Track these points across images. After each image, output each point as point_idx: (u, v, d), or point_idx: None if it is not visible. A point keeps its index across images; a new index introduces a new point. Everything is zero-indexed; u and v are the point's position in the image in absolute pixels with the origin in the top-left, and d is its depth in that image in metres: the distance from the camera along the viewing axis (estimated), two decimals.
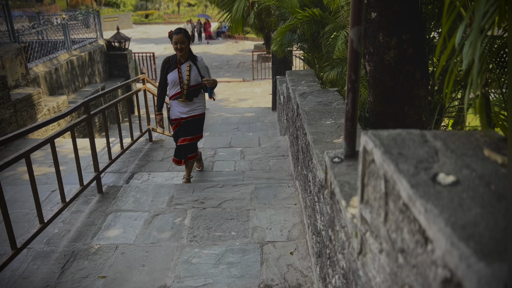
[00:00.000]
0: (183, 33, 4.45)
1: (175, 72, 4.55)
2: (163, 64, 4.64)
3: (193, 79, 4.58)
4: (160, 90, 4.72)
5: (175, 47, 4.43)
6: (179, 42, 4.41)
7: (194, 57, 4.65)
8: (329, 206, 2.24)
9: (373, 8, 3.42)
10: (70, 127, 3.75)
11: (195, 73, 4.59)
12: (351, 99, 2.12)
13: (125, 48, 11.26)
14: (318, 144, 2.86)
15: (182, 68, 4.55)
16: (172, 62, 4.59)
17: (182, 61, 4.56)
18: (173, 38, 4.43)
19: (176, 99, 4.66)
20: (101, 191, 4.37)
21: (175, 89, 4.61)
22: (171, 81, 4.57)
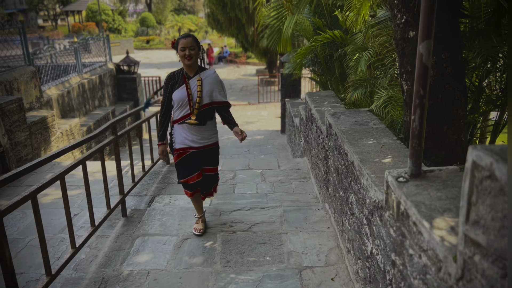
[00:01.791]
0: (192, 37, 3.52)
1: (183, 89, 3.55)
2: (167, 80, 3.65)
3: (206, 96, 3.59)
4: (164, 113, 3.70)
5: (183, 54, 3.48)
6: (188, 48, 3.46)
7: (205, 70, 3.69)
8: (394, 228, 2.13)
9: (411, 27, 3.38)
10: (99, 148, 3.64)
11: (208, 89, 3.60)
12: (419, 116, 2.03)
13: (134, 71, 11.26)
14: (367, 164, 2.76)
15: (191, 83, 3.58)
16: (178, 77, 3.62)
17: (191, 75, 3.61)
18: (179, 43, 3.49)
19: (183, 123, 3.62)
20: (126, 215, 4.24)
21: (182, 111, 3.60)
22: (178, 100, 3.55)
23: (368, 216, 2.69)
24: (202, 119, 3.62)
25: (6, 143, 5.59)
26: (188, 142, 3.65)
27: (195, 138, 3.65)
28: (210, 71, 3.68)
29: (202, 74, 3.61)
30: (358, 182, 2.90)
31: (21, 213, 4.41)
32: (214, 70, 3.77)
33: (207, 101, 3.59)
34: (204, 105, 3.59)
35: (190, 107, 3.55)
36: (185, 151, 3.68)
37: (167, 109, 3.67)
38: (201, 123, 3.61)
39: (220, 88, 3.69)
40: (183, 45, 3.46)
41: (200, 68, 3.66)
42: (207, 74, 3.64)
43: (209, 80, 3.62)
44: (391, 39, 4.48)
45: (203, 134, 3.68)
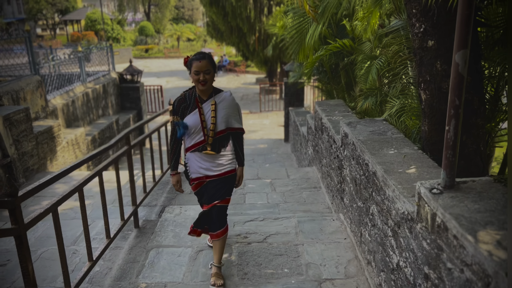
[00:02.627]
0: (208, 59, 3.12)
1: (196, 114, 3.19)
2: (178, 103, 3.27)
3: (222, 122, 3.23)
4: (174, 140, 3.32)
5: (196, 79, 3.10)
6: (203, 72, 3.08)
7: (220, 92, 3.31)
8: (428, 241, 2.08)
9: (430, 36, 3.36)
10: (114, 159, 3.59)
11: (224, 114, 3.24)
12: (454, 126, 2.00)
13: (137, 80, 11.24)
14: (391, 175, 2.73)
15: (205, 107, 3.21)
16: (190, 100, 3.24)
17: (204, 99, 3.23)
18: (192, 65, 3.10)
19: (197, 151, 3.28)
20: (138, 226, 4.18)
21: (195, 138, 3.24)
22: (190, 126, 3.21)
23: (394, 227, 2.65)
24: (217, 147, 3.27)
25: (14, 153, 5.53)
26: (203, 170, 3.29)
27: (211, 165, 3.29)
28: (226, 94, 3.31)
29: (217, 97, 3.24)
30: (381, 193, 2.86)
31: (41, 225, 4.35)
32: (230, 92, 3.35)
33: (222, 128, 3.24)
34: (219, 132, 3.24)
35: (204, 134, 3.19)
36: (202, 181, 3.34)
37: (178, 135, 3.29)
38: (217, 151, 3.26)
39: (236, 112, 3.35)
40: (197, 69, 3.06)
41: (214, 90, 3.28)
42: (223, 97, 3.27)
43: (225, 104, 3.25)
44: (404, 48, 4.46)
45: (219, 160, 3.30)
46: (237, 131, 3.36)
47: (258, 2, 15.88)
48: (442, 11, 3.26)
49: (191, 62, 3.11)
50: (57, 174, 2.53)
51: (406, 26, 4.46)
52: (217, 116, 3.21)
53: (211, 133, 3.20)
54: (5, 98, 5.96)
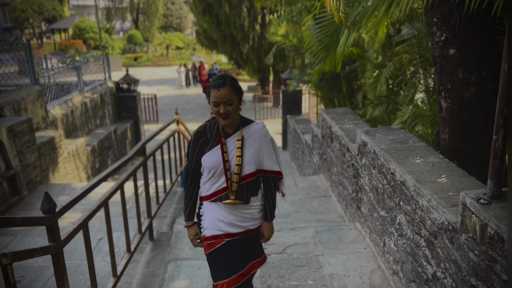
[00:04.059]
0: (230, 86, 2.36)
1: (217, 152, 2.44)
2: (196, 137, 2.53)
3: (250, 162, 2.45)
4: (190, 181, 2.55)
5: (216, 111, 2.37)
6: (223, 103, 2.34)
7: (249, 124, 2.53)
8: (476, 252, 2.05)
9: (451, 45, 3.37)
10: (133, 171, 3.51)
11: (253, 152, 2.47)
12: (502, 136, 1.99)
13: (134, 89, 11.14)
14: (424, 185, 2.70)
15: (229, 144, 2.47)
16: (211, 133, 2.51)
17: (229, 132, 2.49)
18: (211, 95, 2.37)
19: (217, 201, 2.46)
20: (153, 238, 4.09)
21: (216, 183, 2.46)
22: (209, 167, 2.45)
23: (429, 238, 2.62)
24: (244, 195, 2.46)
25: (17, 165, 5.40)
26: (224, 226, 2.46)
27: (235, 219, 2.47)
28: (257, 125, 2.53)
29: (244, 130, 2.48)
30: (412, 203, 2.83)
31: (43, 239, 4.23)
32: (263, 124, 2.57)
33: (250, 170, 2.45)
34: (247, 176, 2.45)
35: (227, 179, 2.42)
36: (219, 240, 2.48)
37: (195, 177, 2.53)
38: (244, 200, 2.46)
39: (270, 149, 2.54)
40: (216, 99, 2.33)
41: (242, 121, 2.51)
42: (252, 130, 2.49)
43: (255, 139, 2.48)
44: (416, 57, 4.48)
45: (248, 213, 2.51)
46: (271, 175, 2.54)
47: (251, 11, 15.93)
48: (464, 20, 3.28)
49: (209, 90, 2.39)
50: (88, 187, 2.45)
51: (418, 35, 4.48)
52: (244, 155, 2.44)
53: (236, 178, 2.41)
54: (6, 109, 5.84)
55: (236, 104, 2.40)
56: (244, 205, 2.48)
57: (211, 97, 2.37)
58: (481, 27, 3.29)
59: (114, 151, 9.39)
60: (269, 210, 2.60)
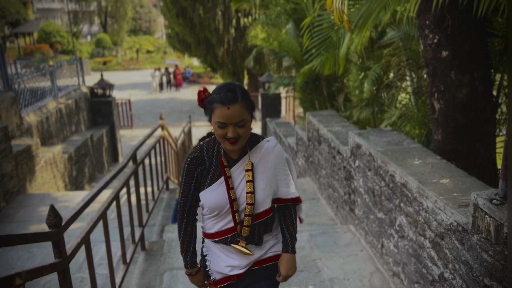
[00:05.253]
0: (242, 101, 1.76)
1: (221, 188, 1.90)
2: (190, 166, 1.92)
3: (263, 195, 1.91)
4: (187, 221, 2.00)
5: (222, 134, 1.79)
6: (234, 124, 1.76)
7: (256, 141, 1.96)
8: (491, 253, 2.06)
9: (444, 47, 3.42)
10: (127, 180, 3.39)
11: (266, 183, 1.92)
12: None
13: (109, 95, 10.87)
14: (427, 186, 2.72)
15: (235, 175, 1.91)
16: (211, 161, 1.93)
17: (234, 158, 1.94)
18: (214, 112, 1.77)
19: (223, 243, 1.98)
20: (145, 248, 3.96)
21: (219, 222, 1.95)
22: (211, 207, 1.92)
23: (435, 239, 2.63)
24: (257, 237, 1.96)
25: None
26: (230, 269, 2.00)
27: (244, 259, 1.99)
28: (269, 144, 1.96)
29: (253, 153, 1.92)
30: (415, 204, 2.84)
31: (27, 252, 4.04)
32: (275, 140, 2.00)
33: (265, 207, 1.91)
34: (261, 214, 1.92)
35: (235, 222, 1.90)
36: (228, 280, 2.03)
37: (192, 214, 2.00)
38: (256, 242, 1.96)
39: (286, 171, 2.00)
40: (224, 120, 1.74)
41: (249, 140, 1.93)
42: (263, 151, 1.94)
43: (268, 164, 1.93)
44: (403, 59, 4.53)
45: (260, 251, 2.01)
46: (288, 203, 2.02)
47: (226, 14, 15.87)
48: (456, 23, 3.33)
49: (212, 106, 1.77)
50: (90, 197, 2.33)
51: (404, 37, 4.54)
52: (256, 189, 1.89)
53: (247, 221, 1.88)
54: None
55: (248, 125, 1.79)
56: (258, 247, 1.99)
57: (216, 116, 1.75)
58: (472, 30, 3.36)
59: (91, 158, 9.12)
60: (290, 240, 2.02)
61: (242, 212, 1.90)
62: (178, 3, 15.93)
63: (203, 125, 16.05)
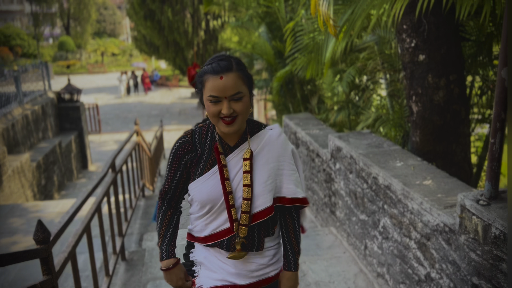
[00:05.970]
0: (237, 71, 1.55)
1: (214, 178, 1.65)
2: (177, 152, 1.68)
3: (263, 193, 1.65)
4: (167, 206, 1.77)
5: (215, 112, 1.54)
6: (228, 98, 1.53)
7: (258, 129, 1.73)
8: (479, 252, 2.12)
9: (421, 51, 3.50)
10: (107, 189, 3.29)
11: (267, 176, 1.67)
12: (500, 139, 2.08)
13: (77, 100, 10.58)
14: (412, 188, 2.77)
15: (232, 164, 1.67)
16: (203, 147, 1.68)
17: (231, 144, 1.69)
18: (206, 85, 1.55)
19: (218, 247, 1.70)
20: (125, 258, 3.87)
21: (212, 222, 1.69)
22: (201, 200, 1.66)
23: (421, 240, 2.68)
24: (256, 240, 1.69)
25: None
26: (229, 275, 1.72)
27: (243, 269, 1.72)
28: (273, 133, 1.72)
29: (253, 141, 1.69)
30: (400, 206, 2.89)
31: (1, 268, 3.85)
32: (279, 129, 1.75)
33: (266, 204, 1.65)
34: (261, 212, 1.65)
35: (231, 219, 1.64)
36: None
37: (172, 204, 1.77)
38: (255, 247, 1.69)
39: (293, 166, 1.74)
40: (217, 92, 1.52)
41: (249, 126, 1.71)
42: (265, 139, 1.70)
43: (270, 154, 1.69)
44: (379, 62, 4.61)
45: (260, 262, 1.74)
46: (294, 204, 1.72)
47: (195, 17, 15.77)
48: (432, 27, 3.42)
49: (203, 79, 1.56)
50: (74, 210, 2.25)
51: (380, 41, 4.63)
52: (254, 182, 1.64)
53: (244, 218, 1.63)
54: None
55: (247, 100, 1.56)
56: (256, 254, 1.71)
57: (208, 90, 1.53)
58: (447, 34, 3.45)
59: (59, 166, 8.84)
60: (292, 254, 1.76)
61: (239, 208, 1.64)
62: (146, 6, 15.70)
63: (174, 129, 15.85)
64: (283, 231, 1.78)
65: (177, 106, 22.79)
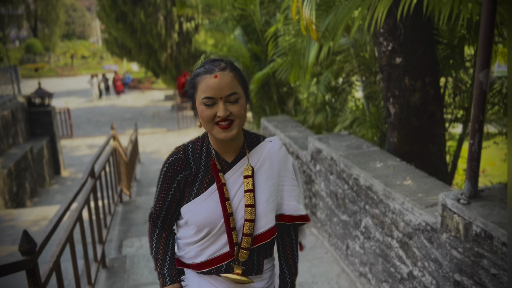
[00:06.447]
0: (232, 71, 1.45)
1: (212, 199, 1.51)
2: (169, 171, 1.53)
3: (266, 213, 1.53)
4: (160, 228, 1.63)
5: (209, 116, 1.43)
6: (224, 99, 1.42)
7: (257, 142, 1.62)
8: (460, 250, 2.19)
9: (397, 54, 3.59)
10: (88, 197, 3.22)
11: (269, 194, 1.55)
12: (478, 140, 2.15)
13: (48, 104, 10.31)
14: (393, 188, 2.84)
15: (231, 183, 1.54)
16: (198, 165, 1.54)
17: (229, 160, 1.56)
18: (199, 87, 1.44)
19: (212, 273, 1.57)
20: (105, 266, 3.80)
21: (209, 247, 1.55)
22: (198, 224, 1.51)
23: (403, 239, 2.75)
24: (256, 263, 1.58)
25: None
26: None
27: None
28: (272, 145, 1.62)
29: (253, 156, 1.57)
30: (381, 206, 2.95)
31: None
32: (279, 141, 1.66)
33: (269, 225, 1.54)
34: (263, 234, 1.54)
35: (231, 244, 1.51)
36: None
37: (165, 227, 1.63)
38: (255, 270, 1.58)
39: (294, 181, 1.64)
40: (211, 93, 1.41)
41: (247, 139, 1.60)
42: (265, 153, 1.59)
43: (271, 169, 1.58)
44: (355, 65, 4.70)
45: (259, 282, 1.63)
46: (295, 222, 1.63)
47: (168, 19, 15.63)
48: (408, 31, 3.51)
49: (195, 81, 1.46)
50: (57, 219, 2.20)
51: (355, 44, 4.71)
52: (257, 201, 1.52)
53: (246, 241, 1.51)
54: None
55: (243, 103, 1.46)
56: (254, 275, 1.59)
57: (201, 91, 1.42)
58: (422, 38, 3.55)
59: (31, 172, 8.59)
60: (289, 275, 1.66)
61: (239, 230, 1.51)
62: (118, 8, 15.46)
63: (148, 133, 15.67)
64: (280, 250, 1.68)
65: (151, 109, 22.53)
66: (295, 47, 3.66)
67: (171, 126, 16.60)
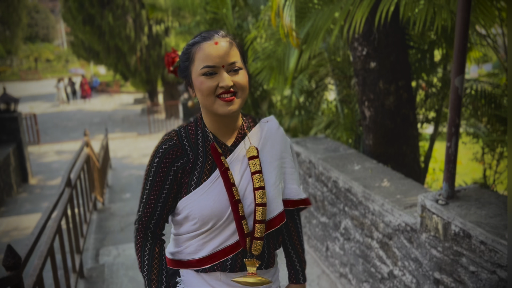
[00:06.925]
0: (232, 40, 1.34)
1: (216, 185, 1.34)
2: (164, 159, 1.33)
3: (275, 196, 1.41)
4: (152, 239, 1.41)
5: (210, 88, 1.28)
6: (226, 67, 1.29)
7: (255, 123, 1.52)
8: (440, 249, 2.27)
9: (372, 59, 3.68)
10: (65, 207, 3.15)
11: (276, 176, 1.42)
12: (454, 142, 2.24)
13: (14, 110, 9.97)
14: (372, 190, 2.91)
15: (233, 167, 1.39)
16: (195, 151, 1.36)
17: (228, 143, 1.42)
18: (196, 56, 1.29)
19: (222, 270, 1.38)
20: (83, 276, 3.72)
21: (214, 238, 1.36)
22: (204, 216, 1.33)
23: (383, 239, 2.82)
24: (266, 255, 1.44)
25: None
26: None
27: None
28: (271, 125, 1.52)
29: (253, 137, 1.45)
30: (361, 208, 3.02)
31: None
32: (276, 121, 1.56)
33: (279, 209, 1.42)
34: (274, 219, 1.41)
35: (242, 234, 1.35)
36: None
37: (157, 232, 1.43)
38: (267, 263, 1.45)
39: (293, 163, 1.54)
40: (212, 61, 1.28)
41: (244, 121, 1.49)
42: (265, 132, 1.48)
43: (274, 150, 1.47)
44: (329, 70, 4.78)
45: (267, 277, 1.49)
46: (298, 206, 1.53)
47: (137, 22, 15.41)
48: (382, 36, 3.60)
49: (190, 53, 1.33)
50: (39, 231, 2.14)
51: (330, 49, 4.79)
52: (266, 183, 1.40)
53: (259, 229, 1.36)
54: None
55: (244, 74, 1.34)
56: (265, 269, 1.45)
57: (200, 61, 1.29)
58: (395, 42, 3.65)
59: None
60: (299, 263, 1.60)
61: (249, 218, 1.36)
62: (85, 10, 15.13)
63: (119, 137, 15.38)
64: (286, 239, 1.58)
65: (120, 113, 22.12)
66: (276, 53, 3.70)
67: (142, 130, 16.35)
